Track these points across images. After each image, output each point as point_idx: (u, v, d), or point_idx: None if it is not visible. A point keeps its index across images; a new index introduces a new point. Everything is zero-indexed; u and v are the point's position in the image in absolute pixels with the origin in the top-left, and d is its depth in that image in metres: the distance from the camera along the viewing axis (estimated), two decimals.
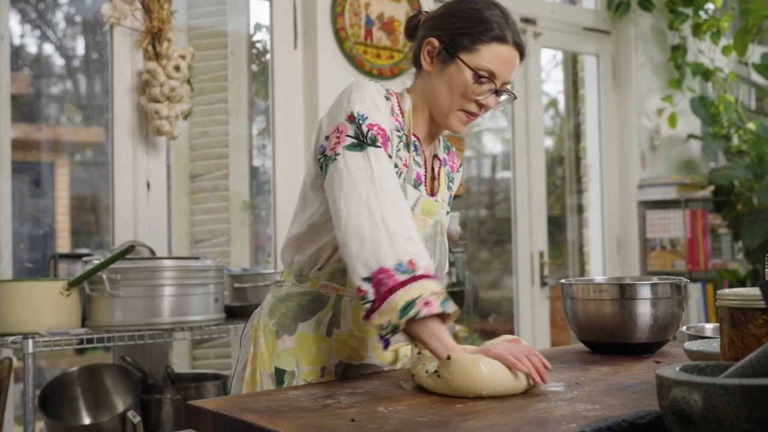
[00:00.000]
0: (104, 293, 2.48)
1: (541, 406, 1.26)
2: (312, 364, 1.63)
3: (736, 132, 4.59)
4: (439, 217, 1.70)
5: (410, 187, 1.63)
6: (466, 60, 1.62)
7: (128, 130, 3.02)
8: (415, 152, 1.68)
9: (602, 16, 4.56)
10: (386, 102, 1.61)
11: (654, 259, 4.43)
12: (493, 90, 1.65)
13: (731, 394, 0.93)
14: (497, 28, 1.63)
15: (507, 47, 1.64)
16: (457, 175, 1.88)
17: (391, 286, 1.38)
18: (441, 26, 1.67)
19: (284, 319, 1.67)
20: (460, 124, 1.68)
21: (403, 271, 1.39)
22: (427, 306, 1.37)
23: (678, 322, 1.80)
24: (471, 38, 1.62)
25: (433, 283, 1.40)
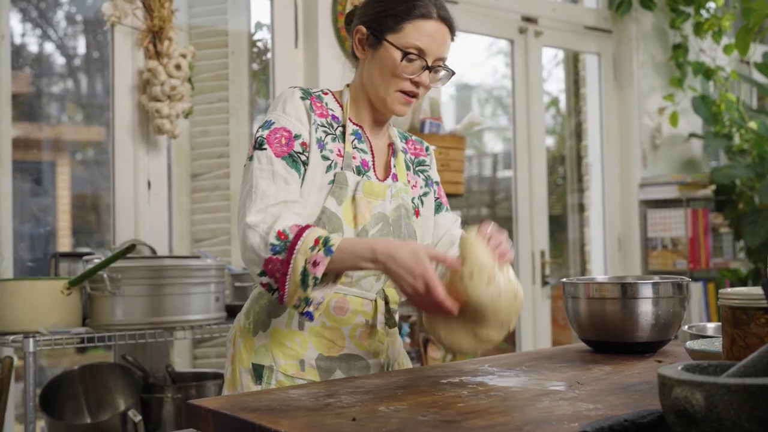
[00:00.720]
0: (105, 292, 2.47)
1: (542, 406, 1.25)
2: (289, 358, 1.68)
3: (737, 131, 4.59)
4: (402, 201, 1.75)
5: (350, 173, 1.68)
6: (392, 40, 1.66)
7: (129, 129, 3.02)
8: (358, 140, 1.74)
9: (603, 15, 4.56)
10: (301, 102, 1.68)
11: (655, 259, 4.43)
12: (425, 66, 1.67)
13: (733, 394, 0.93)
14: (420, 6, 1.66)
15: (432, 22, 1.66)
16: (429, 157, 1.92)
17: (283, 270, 1.50)
18: (367, 12, 1.72)
19: (258, 317, 1.72)
20: (400, 105, 1.71)
21: (279, 250, 1.51)
22: (316, 265, 1.48)
23: (680, 321, 1.80)
24: (394, 18, 1.67)
25: (307, 238, 1.50)
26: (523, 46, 4.23)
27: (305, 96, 1.70)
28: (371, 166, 1.74)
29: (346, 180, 1.67)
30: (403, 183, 1.78)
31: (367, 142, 1.76)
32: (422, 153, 1.91)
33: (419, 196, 1.82)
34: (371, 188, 1.69)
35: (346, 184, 1.66)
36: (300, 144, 1.65)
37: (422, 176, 1.86)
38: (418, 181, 1.85)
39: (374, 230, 1.67)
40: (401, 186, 1.76)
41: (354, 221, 1.66)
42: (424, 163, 1.89)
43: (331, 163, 1.67)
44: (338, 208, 1.65)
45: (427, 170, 1.89)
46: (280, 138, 1.64)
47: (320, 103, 1.72)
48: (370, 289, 1.72)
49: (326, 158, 1.67)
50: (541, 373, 1.55)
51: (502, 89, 5.53)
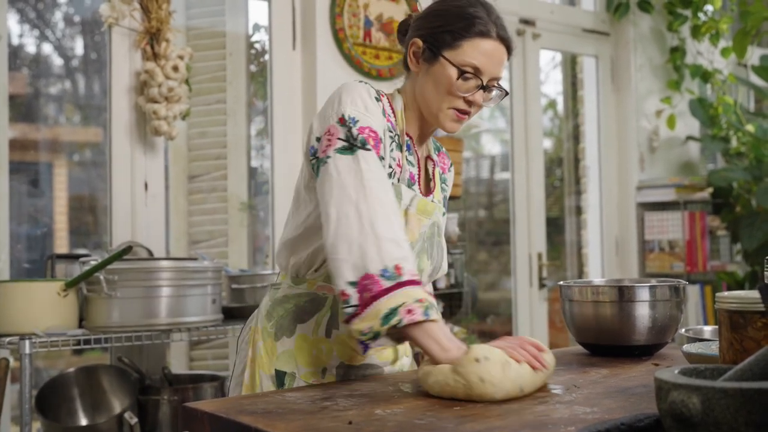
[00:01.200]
0: (101, 294, 2.47)
1: (539, 409, 1.25)
2: (311, 366, 1.63)
3: (734, 134, 4.60)
4: (436, 218, 1.70)
5: (404, 186, 1.63)
6: (449, 57, 1.62)
7: (126, 130, 3.01)
8: (408, 152, 1.68)
9: (601, 18, 4.56)
10: (377, 103, 1.60)
11: (652, 261, 4.43)
12: (480, 86, 1.63)
13: (730, 398, 0.93)
14: (479, 23, 1.62)
15: (490, 41, 1.62)
16: (449, 176, 1.87)
17: (375, 293, 1.37)
18: (424, 26, 1.68)
19: (282, 321, 1.67)
20: (452, 122, 1.67)
21: (388, 278, 1.38)
22: (410, 314, 1.37)
23: (676, 324, 1.80)
24: (453, 35, 1.62)
25: (417, 290, 1.39)
26: (521, 49, 4.23)
27: (378, 96, 1.63)
28: (417, 180, 1.70)
29: (401, 193, 1.61)
30: (438, 200, 1.75)
31: (415, 154, 1.72)
32: (446, 169, 1.86)
33: (442, 214, 1.79)
34: (425, 206, 1.66)
35: (400, 197, 1.61)
36: (383, 148, 1.58)
37: (443, 194, 1.82)
38: (441, 198, 1.81)
39: (416, 248, 1.64)
40: (437, 203, 1.73)
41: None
42: (446, 181, 1.85)
43: (392, 171, 1.62)
44: None
45: (446, 190, 1.84)
46: (369, 137, 1.53)
47: (384, 106, 1.65)
48: None
49: (390, 166, 1.61)
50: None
51: None
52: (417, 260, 1.64)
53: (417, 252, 1.64)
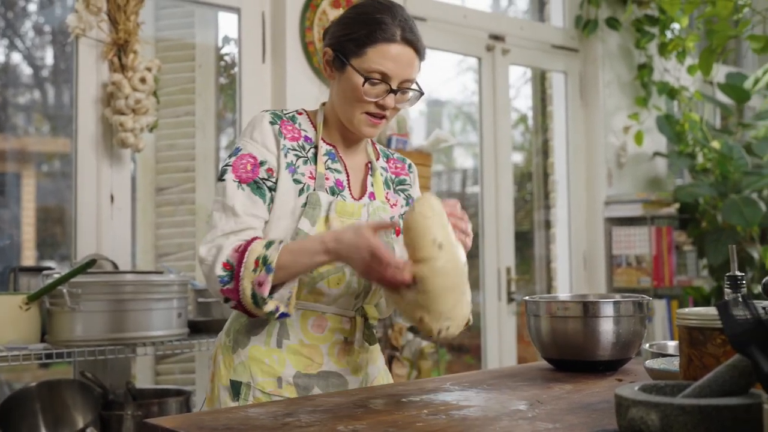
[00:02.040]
0: (64, 308, 2.43)
1: (502, 425, 1.25)
2: (266, 375, 1.67)
3: (700, 150, 4.65)
4: (379, 219, 1.74)
5: (323, 193, 1.69)
6: (356, 65, 1.66)
7: (92, 142, 2.98)
8: (331, 160, 1.75)
9: (570, 34, 4.60)
10: (270, 127, 1.70)
11: (620, 276, 4.46)
12: (389, 90, 1.67)
13: (688, 414, 0.94)
14: (383, 29, 1.65)
15: (395, 45, 1.65)
16: (411, 176, 1.92)
17: (235, 298, 1.58)
18: (333, 35, 1.72)
19: (238, 335, 1.72)
20: (367, 127, 1.71)
21: (227, 281, 1.57)
22: (261, 286, 1.54)
23: (640, 339, 1.81)
24: (357, 42, 1.66)
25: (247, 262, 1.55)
26: (491, 64, 4.25)
27: (275, 121, 1.71)
28: (346, 186, 1.74)
29: (319, 200, 1.67)
30: (381, 201, 1.78)
31: (341, 161, 1.76)
32: (403, 172, 1.90)
33: (399, 215, 1.82)
34: (344, 208, 1.69)
35: (318, 204, 1.66)
36: (266, 170, 1.67)
37: (403, 195, 1.86)
38: (399, 200, 1.85)
39: None
40: (379, 204, 1.76)
41: None
42: (405, 182, 1.89)
43: (304, 186, 1.68)
44: (312, 228, 1.65)
45: (407, 189, 1.89)
46: (246, 164, 1.66)
47: (292, 125, 1.73)
48: (349, 306, 1.72)
49: (298, 182, 1.68)
50: (502, 391, 1.55)
51: (472, 105, 5.55)
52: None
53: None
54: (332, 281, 1.68)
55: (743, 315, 0.96)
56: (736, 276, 1.29)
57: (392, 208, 1.82)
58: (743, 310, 0.97)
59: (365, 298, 1.74)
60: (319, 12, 3.45)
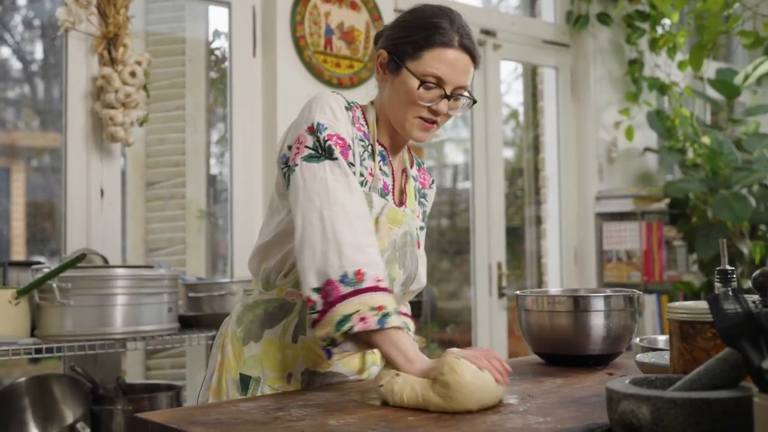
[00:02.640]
0: (54, 302, 2.42)
1: (493, 419, 1.25)
2: (277, 371, 1.64)
3: (691, 146, 4.66)
4: (409, 228, 1.72)
5: (376, 195, 1.64)
6: (411, 67, 1.63)
7: (82, 136, 2.97)
8: (382, 161, 1.71)
9: (561, 30, 4.61)
10: (346, 112, 1.64)
11: (610, 271, 4.47)
12: (443, 95, 1.64)
13: (679, 408, 0.94)
14: (441, 33, 1.63)
15: (452, 51, 1.63)
16: (430, 192, 1.91)
17: (333, 299, 1.41)
18: (389, 37, 1.70)
19: (251, 326, 1.68)
20: (419, 131, 1.68)
21: (347, 283, 1.42)
22: (363, 322, 1.39)
23: (631, 333, 1.81)
24: (414, 45, 1.64)
25: (378, 297, 1.41)
26: (482, 59, 4.24)
27: (349, 106, 1.67)
28: (391, 190, 1.72)
29: (372, 201, 1.63)
30: (411, 210, 1.76)
31: (390, 164, 1.74)
32: (426, 185, 1.89)
33: (418, 227, 1.80)
34: (395, 215, 1.67)
35: (371, 205, 1.63)
36: (352, 154, 1.61)
37: (421, 209, 1.85)
38: (419, 212, 1.83)
39: (385, 256, 1.64)
40: (410, 213, 1.74)
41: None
42: (426, 197, 1.88)
43: (363, 180, 1.64)
44: None
45: (426, 204, 1.88)
46: (336, 144, 1.58)
47: (356, 116, 1.68)
48: None
49: (362, 174, 1.64)
50: None
51: None
52: (387, 268, 1.65)
53: (387, 260, 1.65)
54: None
55: (734, 309, 0.97)
56: (727, 270, 1.30)
57: (417, 218, 1.80)
58: (734, 304, 0.97)
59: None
60: (310, 6, 3.44)
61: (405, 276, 1.71)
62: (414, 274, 1.75)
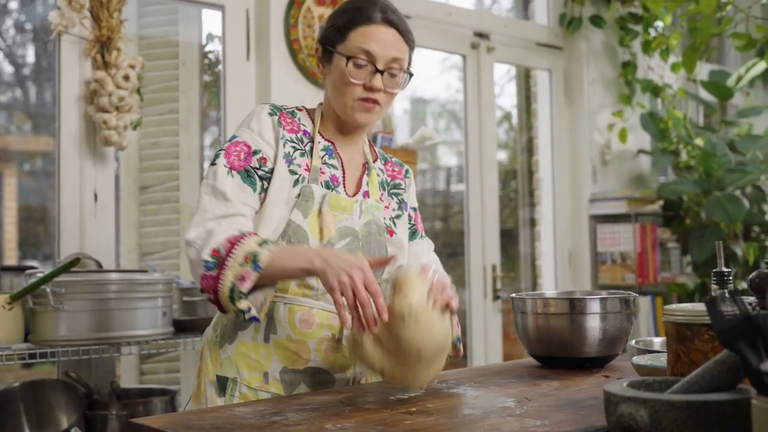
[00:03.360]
0: (48, 307, 2.41)
1: (490, 422, 1.25)
2: (253, 370, 1.67)
3: (684, 147, 4.67)
4: (373, 217, 1.75)
5: (316, 186, 1.70)
6: (340, 50, 1.70)
7: (75, 140, 2.96)
8: (329, 155, 1.76)
9: (554, 32, 4.61)
10: (268, 118, 1.72)
11: (605, 273, 4.47)
12: (374, 71, 1.68)
13: (677, 410, 0.94)
14: (362, 12, 1.69)
15: (376, 26, 1.69)
16: (407, 181, 1.93)
17: (213, 286, 1.53)
18: (321, 29, 1.79)
19: (225, 330, 1.72)
20: (361, 113, 1.72)
21: (212, 267, 1.53)
22: (243, 280, 1.51)
23: (627, 336, 1.81)
24: (339, 30, 1.71)
25: (237, 254, 1.52)
26: (476, 62, 4.25)
27: (274, 112, 1.74)
28: (341, 182, 1.76)
29: (312, 193, 1.68)
30: (375, 200, 1.79)
31: (338, 158, 1.78)
32: (399, 176, 1.91)
33: (392, 217, 1.83)
34: (338, 202, 1.71)
35: (312, 197, 1.68)
36: (258, 159, 1.68)
37: (396, 199, 1.87)
38: (391, 203, 1.85)
39: (341, 244, 1.68)
40: (372, 203, 1.77)
41: (320, 234, 1.67)
42: (400, 186, 1.90)
43: (299, 177, 1.69)
44: (304, 220, 1.66)
45: (401, 194, 1.89)
46: (239, 152, 1.68)
47: (291, 118, 1.76)
48: None
49: (294, 172, 1.69)
50: (489, 389, 1.55)
51: (456, 103, 5.56)
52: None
53: (347, 249, 1.69)
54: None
55: (731, 311, 0.97)
56: (723, 272, 1.30)
57: (385, 209, 1.82)
58: (731, 306, 0.97)
59: None
60: (304, 9, 3.44)
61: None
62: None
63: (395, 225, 1.83)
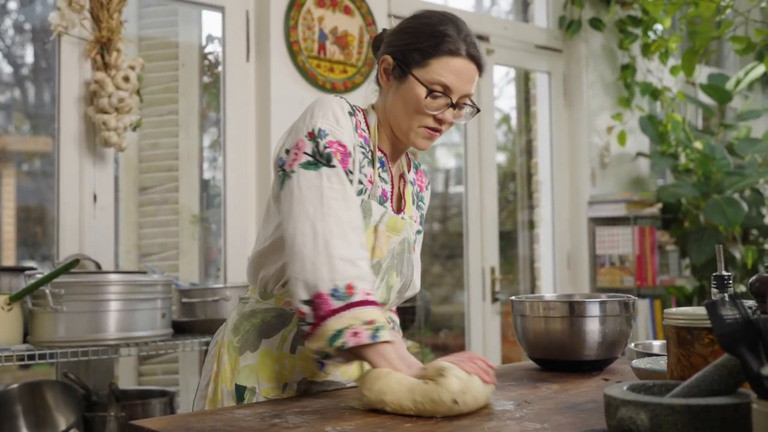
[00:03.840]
0: (47, 308, 2.41)
1: (490, 425, 1.25)
2: (273, 381, 1.61)
3: (683, 151, 4.68)
4: (407, 234, 1.70)
5: (374, 203, 1.62)
6: (418, 75, 1.62)
7: (75, 140, 2.96)
8: (381, 168, 1.68)
9: (554, 35, 4.62)
10: (350, 117, 1.61)
11: (603, 276, 4.48)
12: (450, 104, 1.63)
13: (678, 414, 0.94)
14: (448, 42, 1.61)
15: (460, 60, 1.62)
16: (426, 194, 1.88)
17: (324, 313, 1.39)
18: (395, 43, 1.67)
19: (248, 336, 1.65)
20: (423, 140, 1.67)
21: (338, 298, 1.39)
22: (356, 337, 1.38)
23: (626, 339, 1.81)
24: (422, 53, 1.62)
25: (368, 311, 1.40)
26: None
27: (353, 111, 1.64)
28: (389, 197, 1.70)
29: (371, 210, 1.61)
30: (409, 216, 1.74)
31: (389, 171, 1.71)
32: (423, 188, 1.87)
33: (416, 231, 1.79)
34: (395, 223, 1.65)
35: (370, 213, 1.61)
36: (351, 162, 1.58)
37: (419, 213, 1.82)
38: (416, 217, 1.80)
39: (385, 264, 1.63)
40: (408, 219, 1.73)
41: (372, 252, 1.60)
42: (423, 200, 1.85)
43: (363, 188, 1.62)
44: None
45: (423, 208, 1.85)
46: (336, 153, 1.55)
47: (358, 121, 1.66)
48: None
49: (360, 182, 1.62)
50: None
51: None
52: (386, 276, 1.64)
53: (386, 268, 1.64)
54: None
55: (732, 315, 0.97)
56: (723, 276, 1.30)
57: (414, 224, 1.77)
58: (732, 310, 0.97)
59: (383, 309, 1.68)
60: (304, 11, 3.44)
61: (401, 283, 1.70)
62: (410, 280, 1.74)
63: (416, 242, 1.78)
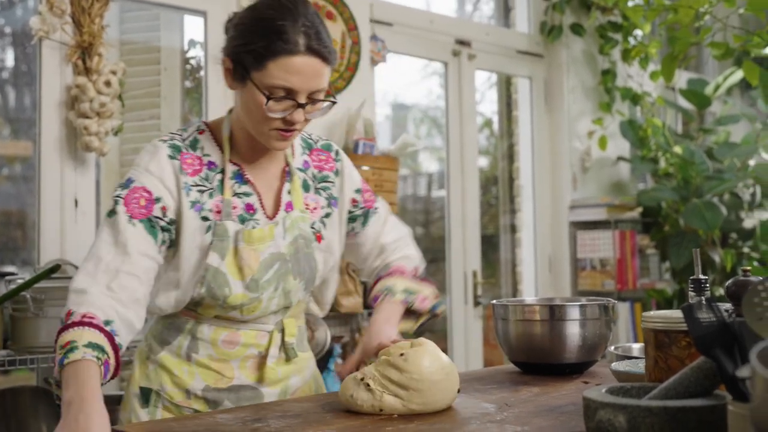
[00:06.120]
0: (28, 313, 2.40)
1: (471, 428, 1.26)
2: (175, 386, 1.63)
3: (663, 155, 4.72)
4: (300, 231, 1.63)
5: (230, 222, 1.57)
6: (256, 80, 1.50)
7: (56, 145, 2.94)
8: (239, 183, 1.62)
9: (535, 40, 4.65)
10: (169, 162, 1.56)
11: (584, 279, 4.50)
12: (296, 105, 1.51)
13: (655, 416, 0.95)
14: (284, 39, 1.47)
15: (298, 58, 1.48)
16: (339, 164, 1.75)
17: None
18: (230, 44, 1.57)
19: (152, 341, 1.68)
20: (277, 141, 1.56)
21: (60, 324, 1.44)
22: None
23: (606, 342, 1.83)
24: (256, 55, 1.49)
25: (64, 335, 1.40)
26: (457, 69, 4.28)
27: (174, 155, 1.57)
28: (258, 206, 1.62)
29: (226, 231, 1.56)
30: (300, 210, 1.65)
31: (249, 183, 1.63)
32: (327, 165, 1.74)
33: (320, 218, 1.69)
34: (252, 236, 1.57)
35: (226, 235, 1.56)
36: (160, 208, 1.54)
37: (324, 194, 1.71)
38: (320, 201, 1.70)
39: (269, 274, 1.59)
40: (297, 214, 1.64)
41: (240, 273, 1.57)
42: (328, 179, 1.73)
43: (212, 222, 1.57)
44: (221, 262, 1.55)
45: (330, 188, 1.73)
46: (139, 199, 1.53)
47: (192, 155, 1.59)
48: (267, 322, 1.64)
49: (206, 218, 1.57)
50: (470, 394, 1.56)
51: (437, 110, 5.58)
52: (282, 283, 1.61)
53: (275, 276, 1.60)
54: (246, 310, 1.60)
55: (708, 318, 0.98)
56: (700, 279, 1.31)
57: (312, 212, 1.68)
58: (708, 313, 0.99)
59: (285, 314, 1.67)
60: None
61: (304, 282, 1.65)
62: (314, 275, 1.67)
63: (324, 226, 1.69)
